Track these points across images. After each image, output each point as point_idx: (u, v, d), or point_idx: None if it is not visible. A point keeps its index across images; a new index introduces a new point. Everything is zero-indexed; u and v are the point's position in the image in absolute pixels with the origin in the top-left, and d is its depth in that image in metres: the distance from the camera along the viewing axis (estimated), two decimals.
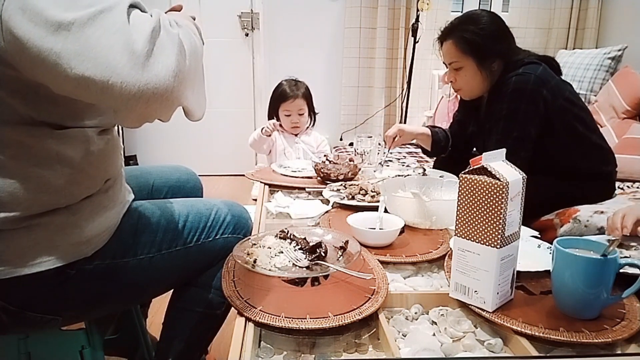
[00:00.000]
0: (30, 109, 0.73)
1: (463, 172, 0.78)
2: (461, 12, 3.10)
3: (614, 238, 0.90)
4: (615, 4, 3.27)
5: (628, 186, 1.89)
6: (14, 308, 0.80)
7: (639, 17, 3.01)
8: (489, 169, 0.74)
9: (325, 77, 3.59)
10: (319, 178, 1.55)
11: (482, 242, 0.76)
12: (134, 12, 0.65)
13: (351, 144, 3.01)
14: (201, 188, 1.34)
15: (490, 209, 0.74)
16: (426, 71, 3.53)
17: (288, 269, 0.87)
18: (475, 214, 0.76)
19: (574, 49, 3.37)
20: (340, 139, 3.56)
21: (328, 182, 1.48)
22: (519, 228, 0.79)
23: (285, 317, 0.72)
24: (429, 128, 1.76)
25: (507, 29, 1.54)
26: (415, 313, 0.81)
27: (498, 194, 0.73)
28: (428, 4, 3.23)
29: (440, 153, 1.77)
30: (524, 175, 0.77)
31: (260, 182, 1.54)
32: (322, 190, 1.40)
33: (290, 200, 1.39)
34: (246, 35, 3.51)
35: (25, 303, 0.81)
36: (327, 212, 1.25)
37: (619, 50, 2.66)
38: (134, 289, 0.94)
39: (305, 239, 0.95)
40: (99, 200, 0.85)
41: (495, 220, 0.74)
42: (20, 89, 0.71)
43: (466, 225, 0.77)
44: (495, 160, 0.77)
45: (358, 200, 1.29)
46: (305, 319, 0.72)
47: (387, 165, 1.87)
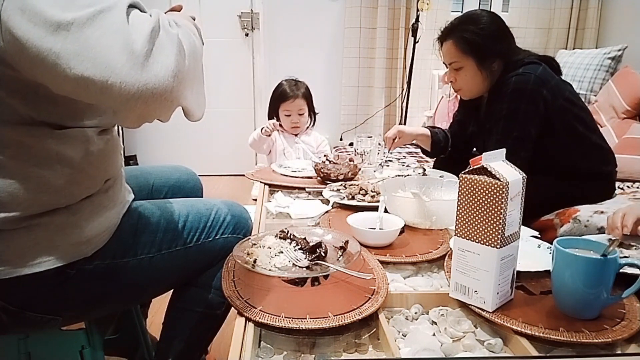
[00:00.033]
0: (30, 109, 0.73)
1: (463, 172, 0.77)
2: (461, 12, 3.11)
3: (614, 238, 0.90)
4: (615, 4, 3.27)
5: (628, 186, 1.89)
6: (14, 308, 0.80)
7: (639, 17, 3.01)
8: (489, 169, 0.74)
9: (325, 77, 3.59)
10: (319, 178, 1.55)
11: (482, 242, 0.75)
12: (133, 12, 0.65)
13: (351, 144, 3.01)
14: (201, 188, 1.34)
15: (490, 209, 0.74)
16: (426, 71, 3.53)
17: (288, 269, 0.87)
18: (475, 214, 0.76)
19: (574, 49, 3.37)
20: (340, 139, 3.56)
21: (328, 182, 1.48)
22: (519, 228, 0.79)
23: (285, 317, 0.72)
24: (429, 129, 1.76)
25: (507, 29, 1.54)
26: (415, 313, 0.81)
27: (498, 194, 0.73)
28: (428, 4, 3.23)
29: (440, 154, 1.78)
30: (524, 175, 0.77)
31: (260, 182, 1.54)
32: (322, 190, 1.40)
33: (290, 200, 1.39)
34: (246, 35, 3.51)
35: (25, 303, 0.81)
36: (327, 212, 1.25)
37: (619, 50, 2.66)
38: (134, 289, 0.94)
39: (305, 239, 0.95)
40: (99, 200, 0.85)
41: (495, 220, 0.74)
42: (20, 89, 0.71)
43: (466, 225, 0.77)
44: (495, 160, 0.77)
45: (358, 200, 1.29)
46: (305, 319, 0.72)
47: (387, 166, 1.87)
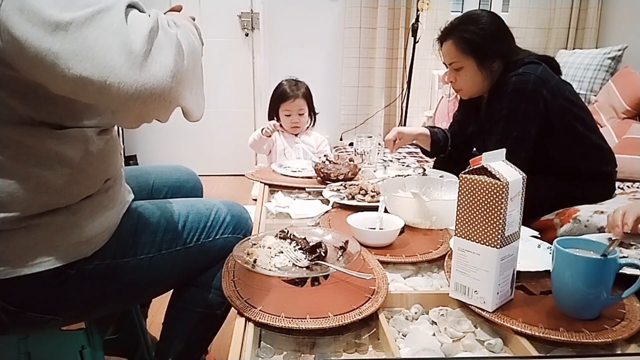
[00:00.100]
0: (29, 109, 0.73)
1: (463, 172, 0.77)
2: (461, 12, 3.10)
3: (614, 237, 0.90)
4: (615, 4, 3.27)
5: (628, 186, 1.89)
6: (14, 308, 0.80)
7: (639, 17, 3.01)
8: (489, 169, 0.74)
9: (325, 77, 3.59)
10: (319, 178, 1.55)
11: (482, 242, 0.75)
12: (132, 12, 0.65)
13: (351, 144, 3.01)
14: (201, 188, 1.34)
15: (490, 209, 0.74)
16: (426, 71, 3.53)
17: (288, 269, 0.87)
18: (475, 214, 0.76)
19: (574, 49, 3.37)
20: (340, 139, 3.56)
21: (328, 182, 1.48)
22: (519, 228, 0.78)
23: (285, 317, 0.72)
24: (428, 128, 1.76)
25: (507, 29, 1.54)
26: (415, 313, 0.81)
27: (498, 194, 0.73)
28: (428, 4, 3.23)
29: (440, 153, 1.78)
30: (524, 175, 0.77)
31: (260, 182, 1.54)
32: (322, 190, 1.40)
33: (290, 200, 1.39)
34: (246, 35, 3.51)
35: (25, 303, 0.81)
36: (327, 212, 1.25)
37: (619, 50, 2.66)
38: (134, 289, 0.94)
39: (305, 239, 0.95)
40: (99, 200, 0.85)
41: (495, 220, 0.74)
42: (19, 89, 0.71)
43: (466, 225, 0.77)
44: (495, 160, 0.77)
45: (358, 200, 1.29)
46: (305, 319, 0.72)
47: (387, 166, 1.88)
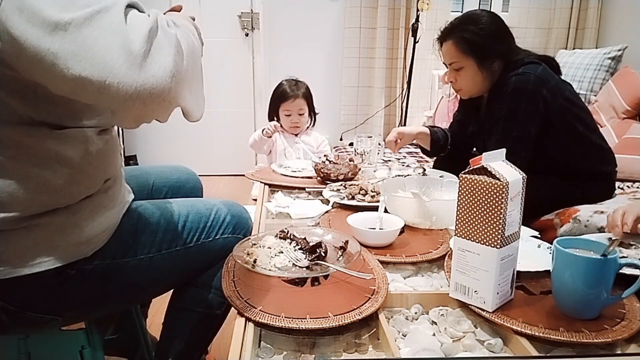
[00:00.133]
0: (29, 109, 0.73)
1: (463, 172, 0.77)
2: (461, 12, 3.10)
3: (614, 237, 0.89)
4: (615, 4, 3.27)
5: (628, 186, 1.89)
6: (14, 308, 0.80)
7: (639, 17, 3.01)
8: (489, 169, 0.74)
9: (325, 77, 3.59)
10: (319, 178, 1.55)
11: (482, 242, 0.75)
12: (132, 12, 0.65)
13: (351, 144, 3.01)
14: (201, 188, 1.34)
15: (490, 209, 0.74)
16: (426, 71, 3.53)
17: (288, 269, 0.86)
18: (475, 214, 0.76)
19: (574, 49, 3.37)
20: (340, 139, 3.56)
21: (328, 182, 1.48)
22: (519, 228, 0.78)
23: (285, 317, 0.72)
24: (428, 127, 1.77)
25: (507, 29, 1.54)
26: (415, 313, 0.81)
27: (498, 194, 0.73)
28: (428, 4, 3.23)
29: (440, 152, 1.78)
30: (524, 175, 0.77)
31: (260, 182, 1.54)
32: (322, 190, 1.40)
33: (290, 200, 1.39)
34: (246, 35, 3.51)
35: (25, 303, 0.81)
36: (327, 212, 1.25)
37: (619, 50, 2.66)
38: (134, 289, 0.94)
39: (305, 239, 0.95)
40: (99, 200, 0.85)
41: (495, 220, 0.74)
42: (19, 89, 0.71)
43: (466, 225, 0.77)
44: (495, 160, 0.77)
45: (358, 200, 1.29)
46: (305, 319, 0.72)
47: (391, 167, 1.88)
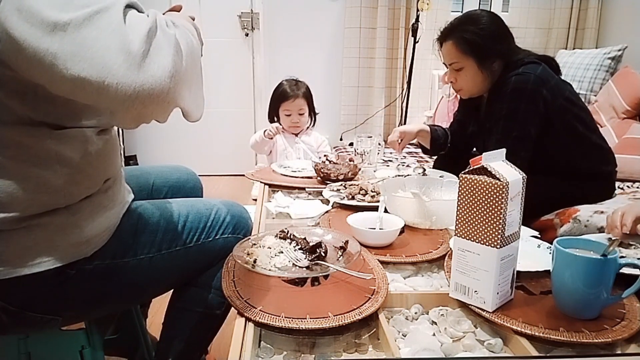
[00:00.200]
0: (28, 110, 0.73)
1: (463, 172, 0.77)
2: (461, 12, 3.10)
3: (614, 237, 0.90)
4: (615, 4, 3.27)
5: (628, 186, 1.89)
6: (14, 308, 0.80)
7: (639, 17, 3.00)
8: (489, 169, 0.74)
9: (325, 77, 3.59)
10: (319, 178, 1.55)
11: (482, 242, 0.75)
12: (131, 13, 0.65)
13: (351, 144, 3.01)
14: (201, 188, 1.34)
15: (490, 209, 0.74)
16: (426, 71, 3.53)
17: (288, 269, 0.86)
18: (475, 214, 0.76)
19: (574, 49, 3.37)
20: (340, 139, 3.56)
21: (328, 182, 1.48)
22: (519, 228, 0.78)
23: (285, 317, 0.72)
24: (428, 126, 1.77)
25: (507, 29, 1.54)
26: (415, 313, 0.81)
27: (498, 194, 0.73)
28: (428, 4, 3.23)
29: (440, 150, 1.78)
30: (524, 175, 0.77)
31: (260, 182, 1.54)
32: (322, 190, 1.40)
33: (290, 200, 1.39)
34: (246, 35, 3.51)
35: (25, 303, 0.81)
36: (327, 212, 1.25)
37: (619, 50, 2.66)
38: (134, 289, 0.94)
39: (305, 239, 0.95)
40: (99, 200, 0.85)
41: (495, 220, 0.74)
42: (18, 90, 0.71)
43: (466, 225, 0.77)
44: (495, 160, 0.77)
45: (358, 200, 1.29)
46: (305, 319, 0.72)
47: (387, 166, 1.88)
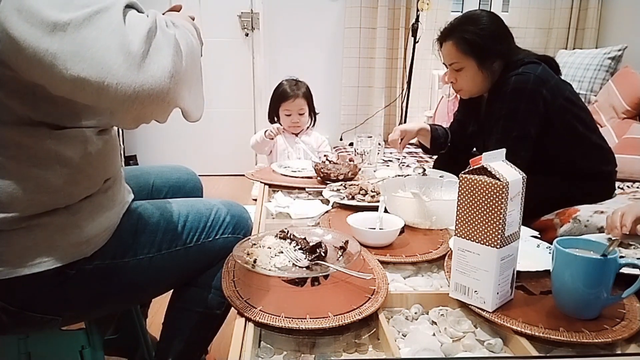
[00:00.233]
0: (28, 110, 0.73)
1: (463, 172, 0.77)
2: (461, 12, 3.11)
3: (613, 237, 0.90)
4: (615, 4, 3.27)
5: (628, 186, 1.89)
6: (13, 308, 0.80)
7: (639, 17, 3.00)
8: (489, 169, 0.74)
9: (325, 77, 3.59)
10: (319, 178, 1.55)
11: (482, 242, 0.75)
12: (130, 13, 0.65)
13: (351, 144, 3.01)
14: (201, 188, 1.34)
15: (490, 209, 0.74)
16: (426, 71, 3.53)
17: (288, 269, 0.86)
18: (475, 214, 0.76)
19: (574, 49, 3.37)
20: (340, 139, 3.56)
21: (328, 182, 1.48)
22: (519, 228, 0.78)
23: (285, 317, 0.72)
24: (428, 124, 1.77)
25: (507, 29, 1.54)
26: (415, 313, 0.81)
27: (498, 194, 0.73)
28: (428, 4, 3.23)
29: (440, 149, 1.78)
30: (524, 175, 0.77)
31: (260, 182, 1.54)
32: (322, 190, 1.40)
33: (290, 200, 1.39)
34: (246, 35, 3.51)
35: (25, 303, 0.81)
36: (327, 212, 1.25)
37: (619, 50, 2.66)
38: (134, 289, 0.94)
39: (305, 239, 0.95)
40: (99, 200, 0.85)
41: (495, 220, 0.74)
42: (18, 90, 0.71)
43: (466, 225, 0.77)
44: (495, 160, 0.77)
45: (358, 200, 1.29)
46: (305, 319, 0.72)
47: (387, 166, 1.88)
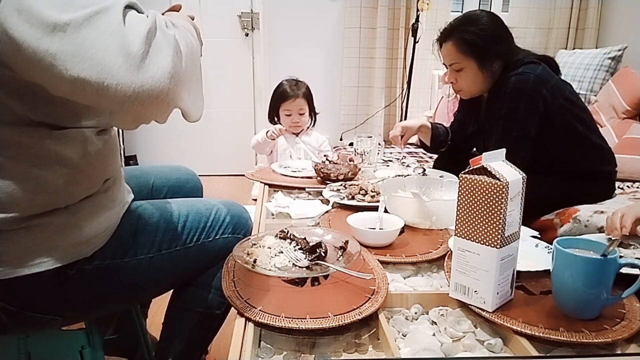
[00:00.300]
0: (28, 110, 0.73)
1: (463, 172, 0.77)
2: (461, 12, 3.11)
3: (613, 238, 0.90)
4: (615, 4, 3.27)
5: (628, 186, 1.89)
6: (14, 308, 0.80)
7: (639, 17, 3.00)
8: (489, 169, 0.74)
9: (325, 77, 3.59)
10: (319, 178, 1.55)
11: (482, 242, 0.75)
12: (130, 13, 0.65)
13: (351, 144, 3.00)
14: (201, 188, 1.34)
15: (490, 209, 0.74)
16: (426, 71, 3.53)
17: (288, 269, 0.87)
18: (475, 214, 0.76)
19: (574, 49, 3.37)
20: (340, 139, 3.56)
21: (328, 182, 1.48)
22: (519, 228, 0.78)
23: (285, 317, 0.72)
24: (429, 122, 1.77)
25: (507, 29, 1.54)
26: (415, 313, 0.81)
27: (498, 194, 0.73)
28: (428, 4, 3.23)
29: (440, 147, 1.78)
30: (524, 175, 0.77)
31: (260, 182, 1.54)
32: (322, 190, 1.40)
33: (290, 200, 1.39)
34: (246, 35, 3.51)
35: (25, 303, 0.81)
36: (327, 212, 1.25)
37: (619, 50, 2.66)
38: (134, 289, 0.94)
39: (305, 239, 0.95)
40: (99, 200, 0.85)
41: (495, 220, 0.74)
42: (17, 90, 0.71)
43: (466, 225, 0.77)
44: (495, 160, 0.77)
45: (358, 200, 1.29)
46: (305, 319, 0.72)
47: (387, 166, 1.88)
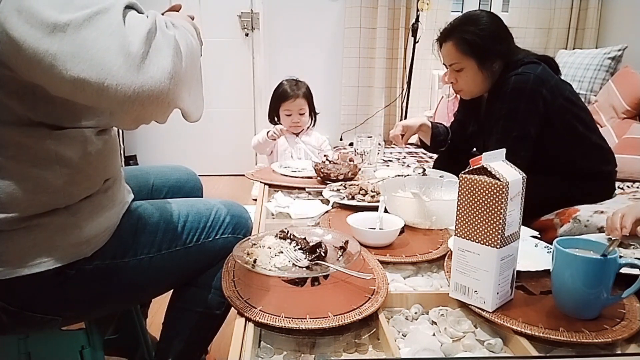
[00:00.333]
0: (27, 110, 0.73)
1: (463, 172, 0.77)
2: (461, 12, 3.11)
3: (613, 238, 0.90)
4: (615, 4, 3.27)
5: (628, 186, 1.89)
6: (14, 308, 0.80)
7: (639, 17, 3.01)
8: (489, 169, 0.74)
9: (325, 77, 3.59)
10: (319, 178, 1.55)
11: (482, 242, 0.75)
12: (130, 14, 0.65)
13: (351, 144, 3.00)
14: (201, 188, 1.34)
15: (490, 209, 0.74)
16: (426, 71, 3.53)
17: (288, 269, 0.87)
18: (475, 214, 0.76)
19: (574, 49, 3.37)
20: (340, 139, 3.56)
21: (328, 182, 1.48)
22: (519, 228, 0.78)
23: (285, 317, 0.72)
24: (429, 121, 1.77)
25: (507, 29, 1.54)
26: (415, 313, 0.81)
27: (498, 194, 0.73)
28: (428, 4, 3.23)
29: (440, 147, 1.78)
30: (524, 175, 0.77)
31: (260, 182, 1.54)
32: (322, 190, 1.40)
33: (290, 200, 1.39)
34: (246, 35, 3.51)
35: (25, 303, 0.81)
36: (327, 212, 1.25)
37: (619, 50, 2.66)
38: (134, 289, 0.94)
39: (305, 239, 0.95)
40: (99, 200, 0.85)
41: (495, 220, 0.74)
42: (17, 90, 0.71)
43: (466, 225, 0.77)
44: (495, 160, 0.77)
45: (358, 200, 1.29)
46: (305, 319, 0.72)
47: (387, 166, 1.88)
